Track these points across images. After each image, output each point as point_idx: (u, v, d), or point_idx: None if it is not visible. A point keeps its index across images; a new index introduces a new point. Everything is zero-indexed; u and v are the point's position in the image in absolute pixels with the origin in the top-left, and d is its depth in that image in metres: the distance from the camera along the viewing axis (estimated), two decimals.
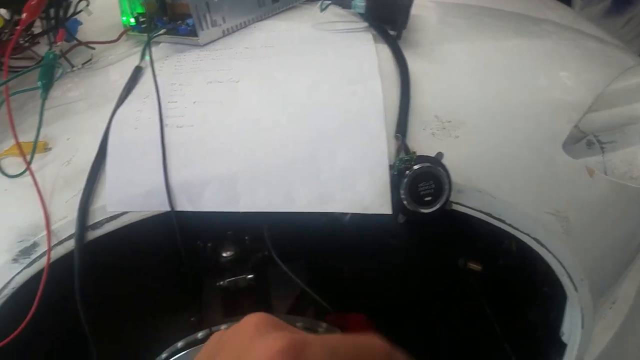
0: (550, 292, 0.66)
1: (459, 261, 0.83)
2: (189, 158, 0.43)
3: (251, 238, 0.68)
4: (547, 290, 0.67)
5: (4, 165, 0.47)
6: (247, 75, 0.48)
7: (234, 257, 0.68)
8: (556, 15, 0.82)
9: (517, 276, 0.78)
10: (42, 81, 0.44)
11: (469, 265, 0.82)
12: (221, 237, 0.67)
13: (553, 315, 0.64)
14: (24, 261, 0.45)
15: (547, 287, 0.67)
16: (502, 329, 0.82)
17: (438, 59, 0.52)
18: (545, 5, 0.93)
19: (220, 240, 0.67)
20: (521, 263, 0.74)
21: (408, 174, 0.40)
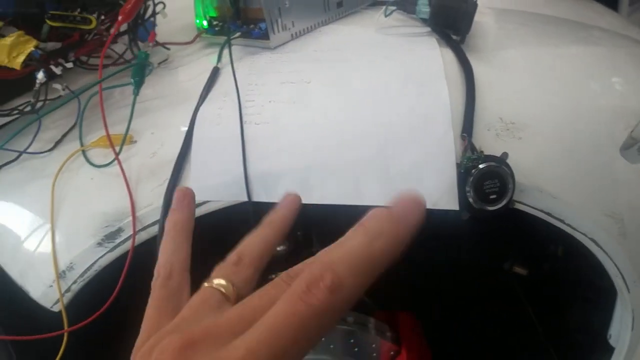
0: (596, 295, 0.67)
1: (505, 264, 0.85)
2: (266, 153, 0.46)
3: (303, 234, 0.72)
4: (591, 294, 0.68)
5: (91, 156, 0.52)
6: (317, 76, 0.51)
7: (286, 252, 0.71)
8: (605, 22, 0.82)
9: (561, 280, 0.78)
10: (135, 78, 0.48)
11: (514, 268, 0.83)
12: None
13: (598, 318, 0.65)
14: (109, 245, 0.49)
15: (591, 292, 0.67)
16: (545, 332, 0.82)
17: (500, 64, 0.54)
18: (594, 10, 0.93)
19: None
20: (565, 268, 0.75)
21: (474, 172, 0.42)
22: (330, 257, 0.20)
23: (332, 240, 0.68)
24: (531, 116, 0.48)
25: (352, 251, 0.20)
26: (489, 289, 0.89)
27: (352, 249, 0.20)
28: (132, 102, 0.48)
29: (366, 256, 0.20)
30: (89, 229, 0.49)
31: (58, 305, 0.51)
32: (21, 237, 0.51)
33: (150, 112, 0.54)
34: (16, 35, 0.49)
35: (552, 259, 0.79)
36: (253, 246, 0.30)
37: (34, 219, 0.51)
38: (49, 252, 0.50)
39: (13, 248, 0.51)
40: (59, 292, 0.50)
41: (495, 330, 0.87)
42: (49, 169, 0.51)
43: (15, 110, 0.54)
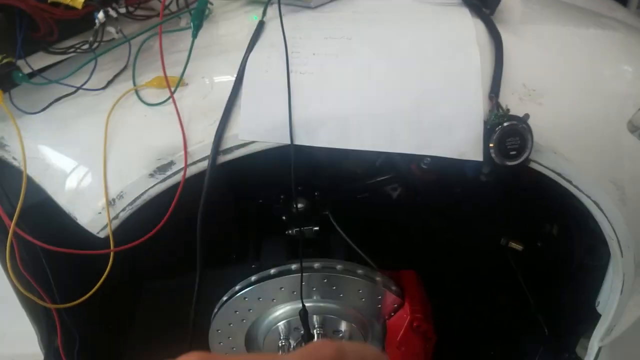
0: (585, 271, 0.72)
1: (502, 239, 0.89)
2: (309, 100, 0.50)
3: (321, 194, 0.76)
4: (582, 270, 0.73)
5: (143, 95, 0.56)
6: (358, 34, 0.55)
7: (304, 210, 0.75)
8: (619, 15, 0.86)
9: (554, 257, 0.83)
10: (195, 22, 0.52)
11: (510, 244, 0.88)
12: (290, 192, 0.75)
13: (587, 290, 0.70)
14: (159, 177, 0.53)
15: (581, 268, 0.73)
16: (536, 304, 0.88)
17: (526, 36, 0.58)
18: (608, 5, 0.97)
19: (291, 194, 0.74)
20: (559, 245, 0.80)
21: (499, 129, 0.47)
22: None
23: (344, 202, 0.72)
24: (551, 85, 0.53)
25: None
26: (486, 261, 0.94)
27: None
28: (191, 44, 0.52)
29: None
30: (142, 161, 0.53)
31: (105, 231, 0.55)
32: (73, 168, 0.56)
33: (199, 59, 0.58)
34: None
35: (547, 237, 0.84)
36: None
37: (86, 151, 0.55)
38: (100, 182, 0.54)
39: (63, 178, 0.56)
40: (107, 218, 0.54)
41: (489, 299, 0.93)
42: (103, 105, 0.55)
43: (71, 49, 0.58)
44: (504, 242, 0.89)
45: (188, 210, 0.53)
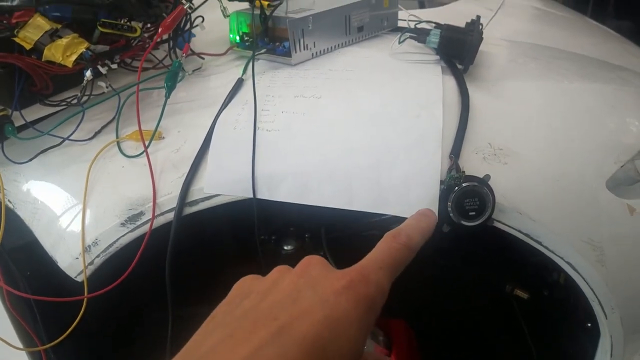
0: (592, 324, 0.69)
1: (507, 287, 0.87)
2: (273, 156, 0.52)
3: (311, 237, 0.77)
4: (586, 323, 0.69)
5: (124, 147, 0.59)
6: (328, 93, 0.57)
7: (294, 251, 0.76)
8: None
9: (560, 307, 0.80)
10: (168, 83, 0.55)
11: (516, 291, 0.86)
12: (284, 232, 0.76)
13: (590, 346, 0.67)
14: (130, 226, 0.55)
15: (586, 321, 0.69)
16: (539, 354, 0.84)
17: (498, 94, 0.58)
18: (631, 53, 0.95)
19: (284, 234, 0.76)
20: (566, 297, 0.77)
21: (456, 190, 0.47)
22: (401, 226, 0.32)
23: (338, 242, 0.73)
24: (519, 144, 0.52)
25: (413, 223, 0.32)
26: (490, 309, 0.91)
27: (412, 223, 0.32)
28: (163, 104, 0.55)
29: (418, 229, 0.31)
30: (115, 210, 0.55)
31: (82, 276, 0.58)
32: (56, 213, 0.59)
33: (180, 113, 0.61)
34: (71, 37, 0.57)
35: (553, 285, 0.81)
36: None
37: (69, 197, 0.58)
38: (79, 228, 0.56)
39: (48, 222, 0.59)
40: (83, 264, 0.56)
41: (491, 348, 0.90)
42: (87, 155, 0.59)
43: (64, 102, 0.62)
44: (509, 289, 0.87)
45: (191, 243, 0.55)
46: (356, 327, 0.24)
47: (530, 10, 1.12)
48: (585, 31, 1.08)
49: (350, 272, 0.26)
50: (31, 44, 0.56)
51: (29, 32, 0.56)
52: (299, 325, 0.23)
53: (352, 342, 0.24)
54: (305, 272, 0.27)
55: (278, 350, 0.22)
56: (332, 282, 0.26)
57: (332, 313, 0.24)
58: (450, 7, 1.02)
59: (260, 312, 0.25)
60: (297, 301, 0.25)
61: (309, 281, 0.26)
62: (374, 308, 0.25)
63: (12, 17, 0.56)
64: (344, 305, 0.24)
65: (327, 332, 0.23)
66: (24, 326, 0.62)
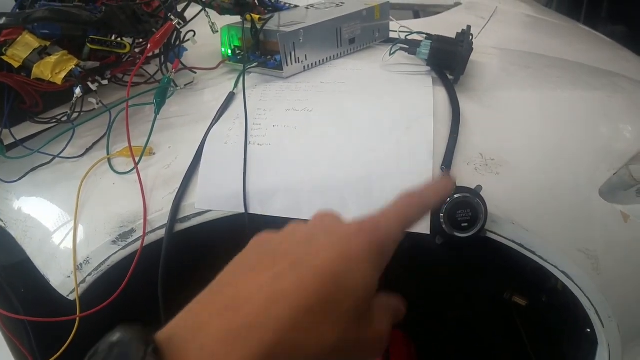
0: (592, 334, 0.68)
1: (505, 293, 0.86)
2: (265, 171, 0.51)
3: None
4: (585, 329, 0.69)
5: (114, 164, 0.59)
6: (319, 106, 0.56)
7: None
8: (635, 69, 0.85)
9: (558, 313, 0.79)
10: (157, 100, 0.54)
11: (514, 298, 0.85)
12: None
13: (590, 356, 0.66)
14: (121, 243, 0.55)
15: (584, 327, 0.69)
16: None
17: (489, 104, 0.58)
18: (624, 58, 0.96)
19: None
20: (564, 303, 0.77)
21: (448, 201, 0.46)
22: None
23: None
24: (511, 154, 0.52)
25: (429, 185, 0.32)
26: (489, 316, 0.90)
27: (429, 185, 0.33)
28: (153, 120, 0.55)
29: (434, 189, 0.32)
30: (107, 227, 0.55)
31: (74, 294, 0.57)
32: (48, 231, 0.58)
33: (171, 128, 0.61)
34: (60, 54, 0.56)
35: (552, 292, 0.81)
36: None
37: (60, 215, 0.58)
38: (71, 246, 0.56)
39: (40, 240, 0.58)
40: (75, 283, 0.56)
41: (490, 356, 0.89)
42: (78, 172, 0.58)
43: (53, 119, 0.61)
44: (508, 296, 0.86)
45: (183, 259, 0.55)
46: (369, 265, 0.26)
47: (522, 18, 1.13)
48: (577, 38, 1.08)
49: (363, 220, 0.29)
50: (20, 61, 0.56)
51: (17, 50, 0.56)
52: (314, 259, 0.25)
53: (365, 277, 0.26)
54: (319, 221, 0.29)
55: (295, 278, 0.24)
56: (345, 227, 0.28)
57: (346, 251, 0.26)
58: (442, 17, 1.03)
59: (279, 252, 0.27)
60: (312, 242, 0.27)
61: (323, 228, 0.28)
62: (384, 252, 0.28)
63: (0, 35, 0.56)
64: (357, 245, 0.26)
65: (341, 266, 0.25)
66: (18, 345, 0.62)
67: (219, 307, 0.24)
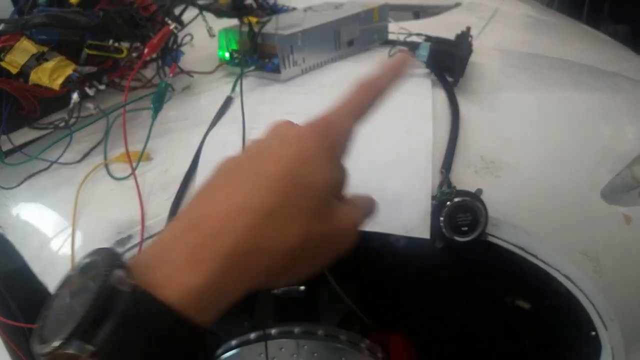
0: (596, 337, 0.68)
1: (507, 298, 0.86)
2: None
3: None
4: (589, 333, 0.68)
5: (112, 169, 0.58)
6: (318, 109, 0.56)
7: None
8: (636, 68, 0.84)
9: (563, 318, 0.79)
10: (155, 104, 0.54)
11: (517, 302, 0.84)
12: None
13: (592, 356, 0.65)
14: (119, 249, 0.54)
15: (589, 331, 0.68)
16: None
17: (489, 106, 0.57)
18: (624, 58, 0.95)
19: None
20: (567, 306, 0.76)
21: (448, 205, 0.46)
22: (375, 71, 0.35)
23: (341, 261, 0.71)
24: (511, 156, 0.52)
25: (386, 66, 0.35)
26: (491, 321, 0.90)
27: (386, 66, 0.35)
28: (150, 125, 0.55)
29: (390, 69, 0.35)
30: (105, 234, 0.54)
31: None
32: (46, 237, 0.58)
33: (169, 133, 0.60)
34: (58, 60, 0.56)
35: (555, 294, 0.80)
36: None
37: (58, 221, 0.58)
38: (69, 252, 0.56)
39: (38, 247, 0.58)
40: None
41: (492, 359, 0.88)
42: (76, 178, 0.58)
43: (51, 125, 0.61)
44: (510, 300, 0.86)
45: None
46: (324, 160, 0.29)
47: (523, 19, 1.12)
48: (578, 38, 1.08)
49: (315, 120, 0.31)
50: (17, 67, 0.55)
51: (15, 55, 0.55)
52: (269, 166, 0.27)
53: (322, 172, 0.28)
54: (273, 131, 0.31)
55: (251, 188, 0.26)
56: (297, 129, 0.30)
57: (300, 151, 0.28)
58: (442, 18, 1.02)
59: (238, 168, 0.29)
60: (267, 151, 0.29)
61: (276, 135, 0.30)
62: (338, 145, 0.31)
63: None
64: (310, 144, 0.28)
65: (297, 165, 0.27)
66: (17, 351, 0.61)
67: (183, 228, 0.26)
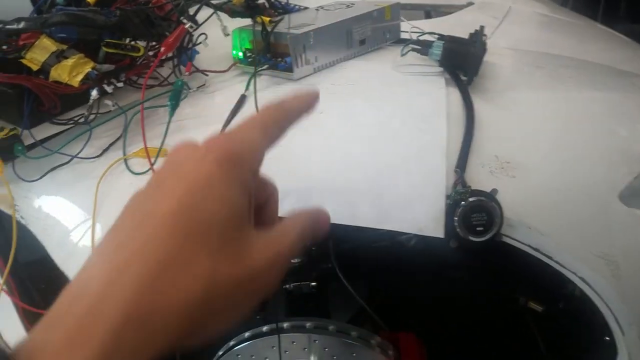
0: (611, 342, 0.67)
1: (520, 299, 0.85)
2: (275, 172, 0.51)
3: (318, 249, 0.76)
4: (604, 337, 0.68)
5: (131, 164, 0.59)
6: (330, 108, 0.56)
7: (301, 264, 0.75)
8: None
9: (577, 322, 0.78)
10: (172, 102, 0.55)
11: (529, 304, 0.84)
12: None
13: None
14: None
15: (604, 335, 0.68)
16: None
17: (505, 105, 0.57)
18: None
19: None
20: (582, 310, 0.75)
21: (463, 205, 0.46)
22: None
23: (347, 256, 0.70)
24: (527, 157, 0.52)
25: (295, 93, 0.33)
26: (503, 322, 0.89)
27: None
28: (168, 122, 0.55)
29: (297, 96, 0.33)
30: None
31: None
32: (67, 228, 0.59)
33: (185, 130, 0.61)
34: (77, 58, 0.57)
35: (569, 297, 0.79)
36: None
37: (79, 213, 0.59)
38: (89, 243, 0.57)
39: (60, 238, 0.59)
40: None
41: None
42: (95, 172, 0.59)
43: (71, 121, 0.62)
44: (523, 301, 0.85)
45: None
46: (224, 185, 0.25)
47: (537, 17, 1.11)
48: (594, 37, 1.07)
49: (213, 137, 0.27)
50: (38, 65, 0.57)
51: (35, 53, 0.57)
52: (161, 204, 0.24)
53: (222, 200, 0.25)
54: (168, 159, 0.28)
55: (142, 235, 0.23)
56: (194, 153, 0.26)
57: (194, 182, 0.25)
58: (455, 17, 1.02)
59: (134, 211, 0.26)
60: (160, 187, 0.26)
61: (171, 164, 0.27)
62: (241, 162, 0.26)
63: (19, 39, 0.57)
64: (207, 169, 0.25)
65: (191, 200, 0.24)
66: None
67: (70, 298, 0.22)
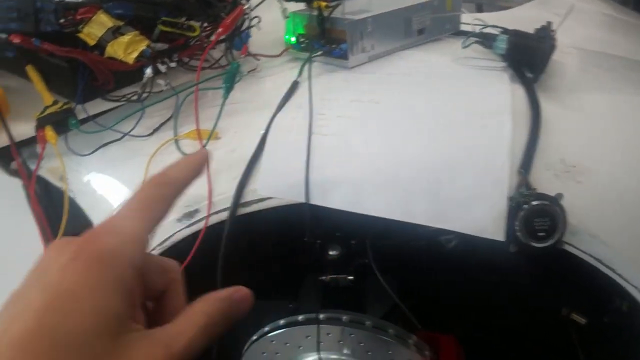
0: None
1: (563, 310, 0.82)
2: (328, 162, 0.50)
3: (357, 243, 0.74)
4: None
5: (181, 145, 0.59)
6: (386, 98, 0.54)
7: (338, 257, 0.74)
8: None
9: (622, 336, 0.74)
10: (226, 84, 0.54)
11: (572, 315, 0.80)
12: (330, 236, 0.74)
13: None
14: (185, 222, 0.55)
15: None
16: None
17: (572, 106, 0.54)
18: None
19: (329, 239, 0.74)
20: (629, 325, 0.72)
21: (525, 208, 0.44)
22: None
23: (385, 250, 0.69)
24: (594, 162, 0.49)
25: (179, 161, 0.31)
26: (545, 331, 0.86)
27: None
28: (221, 104, 0.55)
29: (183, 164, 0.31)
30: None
31: None
32: (115, 204, 0.60)
33: (236, 114, 0.60)
34: (132, 35, 0.57)
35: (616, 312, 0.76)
36: None
37: (127, 191, 0.59)
38: None
39: (107, 213, 0.60)
40: None
41: None
42: (146, 150, 0.59)
43: (123, 98, 0.62)
44: (566, 312, 0.82)
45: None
46: (93, 292, 0.22)
47: (600, 17, 1.06)
48: None
49: (82, 236, 0.24)
50: (95, 40, 0.57)
51: (92, 28, 0.57)
52: (16, 324, 0.21)
53: (92, 311, 0.22)
54: (36, 266, 0.24)
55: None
56: (60, 257, 0.23)
57: (56, 295, 0.22)
58: (514, 12, 0.98)
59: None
60: (20, 300, 0.23)
61: (36, 273, 0.24)
62: (116, 259, 0.23)
63: (77, 14, 0.57)
64: (70, 279, 0.22)
65: (51, 315, 0.21)
66: None
67: None
